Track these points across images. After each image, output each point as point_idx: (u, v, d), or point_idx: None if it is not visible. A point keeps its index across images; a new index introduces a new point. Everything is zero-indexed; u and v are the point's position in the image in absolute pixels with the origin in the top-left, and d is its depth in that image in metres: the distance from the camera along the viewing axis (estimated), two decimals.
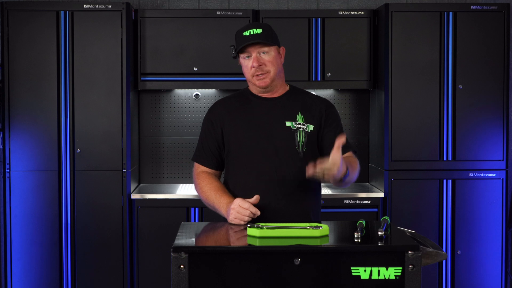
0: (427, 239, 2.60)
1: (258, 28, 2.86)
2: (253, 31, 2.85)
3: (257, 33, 2.84)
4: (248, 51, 2.86)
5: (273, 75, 2.89)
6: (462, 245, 4.52)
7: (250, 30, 2.85)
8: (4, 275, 4.50)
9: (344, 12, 4.65)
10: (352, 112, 5.01)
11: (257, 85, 2.91)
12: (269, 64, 2.87)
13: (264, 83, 2.89)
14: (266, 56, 2.87)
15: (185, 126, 5.00)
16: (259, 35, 2.84)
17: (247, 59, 2.88)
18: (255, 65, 2.85)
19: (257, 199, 2.74)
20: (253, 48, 2.85)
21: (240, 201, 2.73)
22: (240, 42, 2.87)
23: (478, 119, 4.50)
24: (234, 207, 2.73)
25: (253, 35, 2.84)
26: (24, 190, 4.44)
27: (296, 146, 2.89)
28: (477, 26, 4.48)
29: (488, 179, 4.50)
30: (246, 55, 2.88)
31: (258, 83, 2.89)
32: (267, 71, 2.87)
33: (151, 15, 4.64)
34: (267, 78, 2.88)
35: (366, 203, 4.49)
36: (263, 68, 2.87)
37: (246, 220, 2.71)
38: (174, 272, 2.26)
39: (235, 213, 2.72)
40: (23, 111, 4.42)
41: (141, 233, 4.47)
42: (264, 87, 2.91)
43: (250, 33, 2.84)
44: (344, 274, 2.27)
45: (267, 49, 2.87)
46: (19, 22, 4.39)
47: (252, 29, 2.85)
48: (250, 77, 2.90)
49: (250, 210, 2.71)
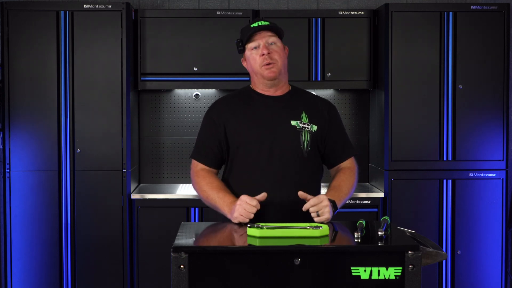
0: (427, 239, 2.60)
1: (266, 21, 2.92)
2: (261, 23, 2.90)
3: (266, 24, 2.90)
4: (256, 40, 2.88)
5: (281, 66, 2.91)
6: (462, 245, 4.52)
7: (258, 22, 2.90)
8: (4, 275, 4.50)
9: (344, 12, 4.65)
10: (352, 112, 5.01)
11: (266, 76, 2.90)
12: (277, 54, 2.89)
13: (272, 72, 2.89)
14: (274, 47, 2.90)
15: (185, 126, 5.00)
16: (267, 26, 2.90)
17: (255, 50, 2.89)
18: (264, 52, 2.86)
19: (264, 196, 2.74)
20: (261, 37, 2.88)
21: (248, 198, 2.72)
22: (248, 33, 2.89)
23: (478, 119, 4.50)
24: (240, 203, 2.71)
25: (261, 25, 2.89)
26: (24, 190, 4.44)
27: (300, 145, 2.89)
28: (477, 26, 4.48)
29: (488, 179, 4.50)
30: (254, 46, 2.89)
31: (267, 72, 2.89)
32: (275, 61, 2.89)
33: (151, 15, 4.64)
34: (275, 68, 2.89)
35: (366, 203, 4.49)
36: (272, 57, 2.88)
37: (251, 217, 2.70)
38: (174, 272, 2.26)
39: (242, 210, 2.70)
40: (23, 111, 4.42)
41: (141, 233, 4.47)
42: (272, 78, 2.90)
43: (259, 24, 2.89)
44: (344, 274, 2.27)
45: (275, 39, 2.90)
46: (19, 22, 4.39)
47: (260, 21, 2.91)
48: (258, 67, 2.90)
49: (257, 207, 2.70)
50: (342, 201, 2.87)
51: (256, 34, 2.89)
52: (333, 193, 2.85)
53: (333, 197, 2.80)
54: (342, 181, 2.95)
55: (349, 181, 2.96)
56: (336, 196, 2.83)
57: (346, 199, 2.91)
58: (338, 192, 2.88)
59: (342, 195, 2.87)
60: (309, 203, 2.71)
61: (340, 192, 2.88)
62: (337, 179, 2.96)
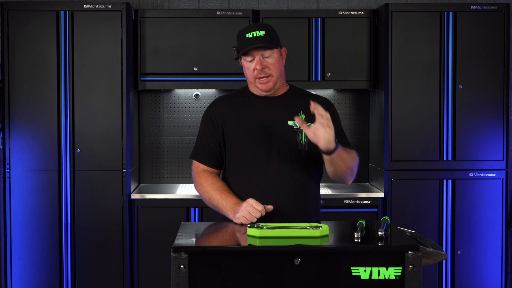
0: (427, 239, 2.60)
1: (261, 30, 2.84)
2: (256, 33, 2.82)
3: (260, 35, 2.82)
4: (251, 54, 2.85)
5: (276, 78, 2.89)
6: (462, 245, 4.52)
7: (253, 32, 2.83)
8: (4, 275, 4.50)
9: (344, 12, 4.66)
10: (352, 112, 5.01)
11: (260, 88, 2.90)
12: (272, 68, 2.86)
13: (267, 86, 2.88)
14: (269, 60, 2.85)
15: (185, 126, 5.00)
16: (262, 38, 2.82)
17: (250, 62, 2.87)
18: (258, 68, 2.84)
19: (271, 208, 2.74)
20: (256, 51, 2.84)
21: (255, 202, 2.71)
22: (243, 44, 2.85)
23: (478, 119, 4.50)
24: (246, 205, 2.71)
25: (256, 37, 2.82)
26: (24, 190, 4.44)
27: (298, 145, 2.89)
28: (477, 26, 4.48)
29: (488, 179, 4.50)
30: (249, 59, 2.87)
31: (260, 86, 2.89)
32: (269, 74, 2.87)
33: (151, 15, 4.64)
34: (270, 82, 2.88)
35: (366, 203, 4.49)
36: (266, 71, 2.86)
37: (254, 221, 2.70)
38: (174, 272, 2.26)
39: (246, 212, 2.70)
40: (23, 111, 4.42)
41: (141, 233, 4.47)
42: (266, 91, 2.90)
43: (253, 35, 2.82)
44: (344, 274, 2.27)
45: (270, 52, 2.85)
46: (19, 22, 4.40)
47: (255, 31, 2.83)
48: (252, 79, 2.89)
49: (262, 213, 2.70)
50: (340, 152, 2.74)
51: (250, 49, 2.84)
52: None
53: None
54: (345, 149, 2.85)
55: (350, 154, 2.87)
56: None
57: (343, 157, 2.77)
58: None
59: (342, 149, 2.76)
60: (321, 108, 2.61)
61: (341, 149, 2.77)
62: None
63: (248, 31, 2.85)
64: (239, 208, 2.73)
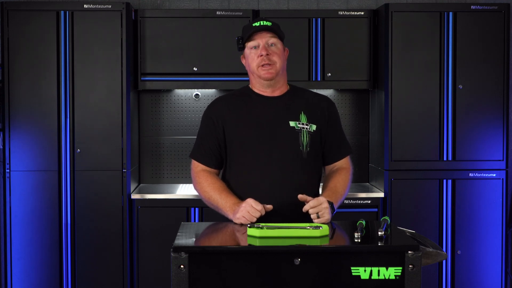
0: (427, 239, 2.60)
1: (268, 21, 2.91)
2: (263, 22, 2.89)
3: (267, 24, 2.89)
4: (257, 40, 2.87)
5: (279, 68, 2.90)
6: (462, 245, 4.52)
7: (260, 22, 2.89)
8: (4, 275, 4.50)
9: (344, 12, 4.65)
10: (352, 112, 5.01)
11: (262, 76, 2.89)
12: (276, 56, 2.88)
13: (270, 74, 2.88)
14: (274, 48, 2.89)
15: (185, 126, 5.00)
16: (268, 26, 2.88)
17: (254, 50, 2.89)
18: (263, 53, 2.86)
19: (270, 208, 2.75)
20: (261, 37, 2.87)
21: (254, 202, 2.72)
22: (249, 32, 2.89)
23: (478, 119, 4.50)
24: (245, 205, 2.71)
25: (263, 25, 2.88)
26: (24, 190, 4.44)
27: (300, 146, 2.89)
28: (477, 26, 4.48)
29: (488, 179, 4.50)
30: (253, 45, 2.89)
31: (263, 73, 2.88)
32: (274, 62, 2.88)
33: (151, 15, 4.64)
34: (273, 70, 2.88)
35: (366, 203, 4.49)
36: (271, 58, 2.87)
37: (253, 221, 2.70)
38: (174, 272, 2.26)
39: (245, 212, 2.70)
40: (23, 111, 4.42)
41: (141, 233, 4.47)
42: (269, 79, 2.90)
43: (260, 24, 2.88)
44: (344, 274, 2.27)
45: (275, 40, 2.89)
46: (19, 22, 4.39)
47: (262, 20, 2.90)
48: (255, 67, 2.90)
49: (262, 213, 2.70)
50: (338, 203, 2.88)
51: (256, 34, 2.88)
52: (330, 194, 2.86)
53: (331, 198, 2.80)
54: (338, 182, 2.95)
55: (345, 183, 2.96)
56: (333, 198, 2.84)
57: (341, 200, 2.93)
58: (335, 194, 2.88)
59: (338, 197, 2.89)
60: (309, 205, 2.71)
61: (336, 194, 2.89)
62: (333, 181, 2.96)
63: (255, 21, 2.92)
64: (238, 208, 2.73)
